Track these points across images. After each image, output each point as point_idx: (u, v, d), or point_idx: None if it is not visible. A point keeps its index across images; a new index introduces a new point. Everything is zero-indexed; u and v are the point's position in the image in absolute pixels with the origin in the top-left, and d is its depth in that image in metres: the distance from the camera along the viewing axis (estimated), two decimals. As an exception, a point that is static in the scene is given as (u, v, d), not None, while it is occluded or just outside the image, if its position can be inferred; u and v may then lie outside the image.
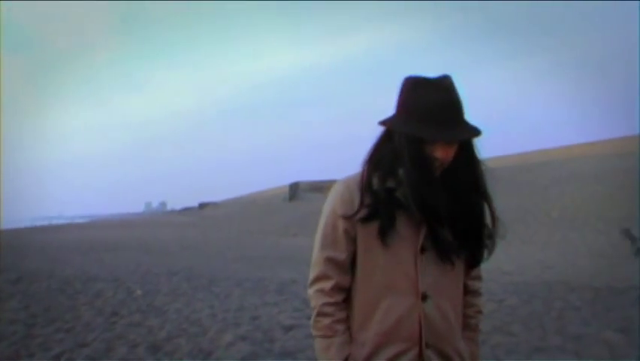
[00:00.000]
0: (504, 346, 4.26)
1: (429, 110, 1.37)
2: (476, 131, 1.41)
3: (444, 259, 1.42)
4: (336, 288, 1.45)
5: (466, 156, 1.44)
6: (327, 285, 1.44)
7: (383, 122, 1.45)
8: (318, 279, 1.46)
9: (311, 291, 1.48)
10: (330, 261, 1.45)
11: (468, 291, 1.56)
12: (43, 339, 4.75)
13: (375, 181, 1.43)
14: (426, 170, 1.39)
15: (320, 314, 1.45)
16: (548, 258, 12.39)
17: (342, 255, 1.44)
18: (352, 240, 1.44)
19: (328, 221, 1.47)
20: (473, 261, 1.51)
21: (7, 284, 7.87)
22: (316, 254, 1.48)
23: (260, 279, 8.54)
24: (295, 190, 42.03)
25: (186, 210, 63.80)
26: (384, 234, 1.39)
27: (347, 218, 1.42)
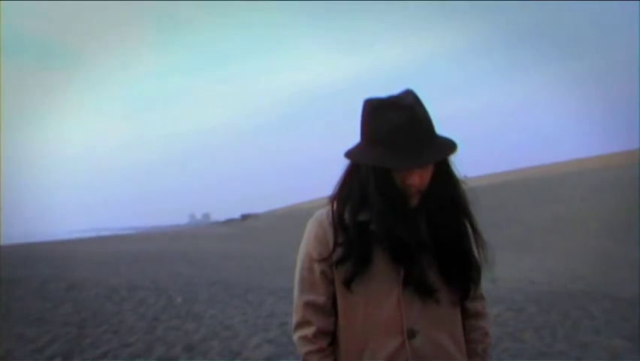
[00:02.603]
0: (511, 351, 4.53)
1: (391, 135, 1.26)
2: (449, 149, 1.31)
3: (425, 298, 1.34)
4: (319, 333, 1.38)
5: (442, 175, 1.35)
6: (309, 331, 1.38)
7: (347, 154, 1.35)
8: (299, 325, 1.41)
9: (295, 338, 1.43)
10: (309, 305, 1.39)
11: (469, 314, 1.46)
12: (93, 339, 5.34)
13: (346, 216, 1.35)
14: (396, 202, 1.31)
15: None
16: (581, 268, 12.33)
17: (321, 298, 1.38)
18: (331, 281, 1.38)
19: (304, 264, 1.41)
20: (462, 295, 1.40)
21: (60, 291, 8.54)
22: (296, 299, 1.43)
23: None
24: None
25: (229, 222, 64.96)
26: (355, 277, 1.32)
27: (323, 258, 1.37)
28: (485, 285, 1.48)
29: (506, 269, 11.17)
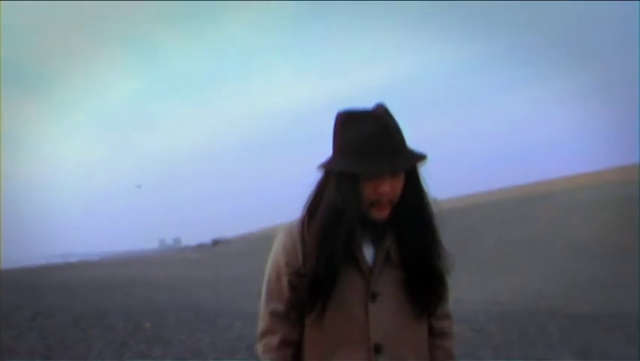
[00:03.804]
0: (468, 368, 4.73)
1: (362, 144, 1.27)
2: (419, 157, 1.33)
3: (392, 313, 1.35)
4: (283, 343, 1.37)
5: (412, 187, 1.36)
6: (273, 340, 1.37)
7: (321, 166, 1.36)
8: (264, 334, 1.40)
9: (258, 346, 1.42)
10: (274, 314, 1.38)
11: (434, 333, 1.46)
12: (59, 367, 5.31)
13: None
14: (350, 212, 1.29)
15: None
16: (546, 288, 12.67)
17: (287, 307, 1.38)
18: None
19: (272, 275, 1.41)
20: (428, 311, 1.41)
21: (25, 320, 8.42)
22: (262, 308, 1.42)
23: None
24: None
25: (200, 247, 64.39)
26: (321, 294, 1.31)
27: (290, 268, 1.36)
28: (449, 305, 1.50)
29: (473, 290, 11.44)
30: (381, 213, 1.32)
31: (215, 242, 61.88)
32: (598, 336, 5.78)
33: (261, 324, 1.41)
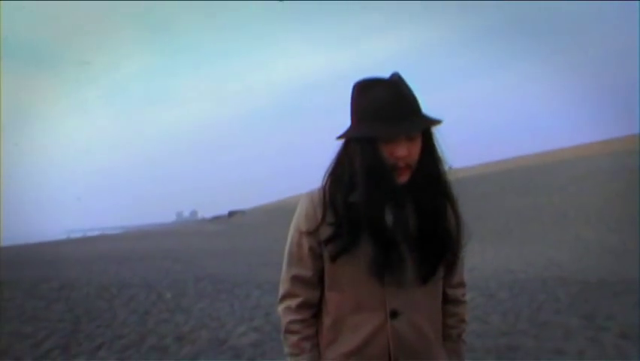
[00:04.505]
0: (476, 331, 4.92)
1: (379, 109, 1.32)
2: (434, 121, 1.35)
3: (408, 281, 1.37)
4: (304, 305, 1.43)
5: (429, 153, 1.38)
6: (293, 302, 1.43)
7: (340, 136, 1.40)
8: (285, 297, 1.46)
9: (279, 308, 1.48)
10: (296, 279, 1.44)
11: (448, 300, 1.51)
12: (87, 333, 5.65)
13: (338, 196, 1.38)
14: (384, 179, 1.33)
15: (287, 331, 1.44)
16: (558, 256, 12.78)
17: (308, 272, 1.43)
18: (319, 257, 1.41)
19: (294, 239, 1.45)
20: (443, 278, 1.46)
21: (52, 291, 8.78)
22: (284, 272, 1.47)
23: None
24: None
25: (216, 219, 65.09)
26: (341, 254, 1.36)
27: (311, 234, 1.40)
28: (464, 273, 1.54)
29: (486, 259, 11.63)
30: (401, 178, 1.35)
31: (232, 214, 62.53)
32: (605, 301, 5.92)
33: (282, 287, 1.47)
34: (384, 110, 1.30)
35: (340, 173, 1.39)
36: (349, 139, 1.38)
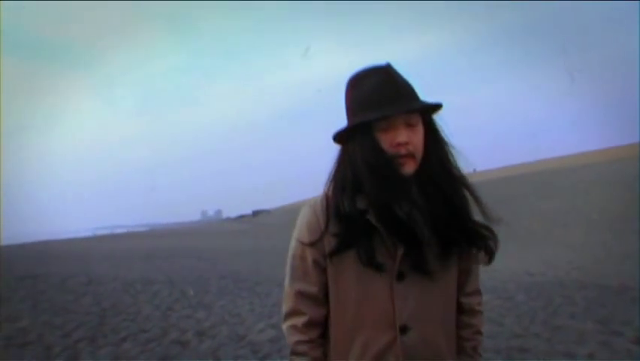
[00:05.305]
0: (488, 333, 4.99)
1: (371, 94, 1.25)
2: (429, 104, 1.27)
3: (423, 285, 1.28)
4: (310, 324, 1.33)
5: (433, 140, 1.31)
6: (299, 321, 1.33)
7: (335, 135, 1.33)
8: (290, 314, 1.36)
9: (284, 327, 1.37)
10: (301, 295, 1.33)
11: (463, 310, 1.41)
12: (113, 326, 5.91)
13: (345, 203, 1.28)
14: (388, 172, 1.24)
15: (294, 353, 1.34)
16: (580, 259, 12.68)
17: (313, 288, 1.32)
18: (323, 270, 1.32)
19: (296, 251, 1.35)
20: (483, 258, 1.36)
21: (80, 285, 9.11)
22: (287, 287, 1.36)
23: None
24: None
25: (241, 218, 65.71)
26: (366, 262, 1.25)
27: (315, 246, 1.30)
28: (480, 276, 1.47)
29: (505, 262, 11.61)
30: (405, 169, 1.26)
31: (256, 213, 63.07)
32: (622, 306, 5.94)
33: (287, 304, 1.36)
34: (376, 94, 1.24)
35: (342, 176, 1.31)
36: (347, 138, 1.30)
